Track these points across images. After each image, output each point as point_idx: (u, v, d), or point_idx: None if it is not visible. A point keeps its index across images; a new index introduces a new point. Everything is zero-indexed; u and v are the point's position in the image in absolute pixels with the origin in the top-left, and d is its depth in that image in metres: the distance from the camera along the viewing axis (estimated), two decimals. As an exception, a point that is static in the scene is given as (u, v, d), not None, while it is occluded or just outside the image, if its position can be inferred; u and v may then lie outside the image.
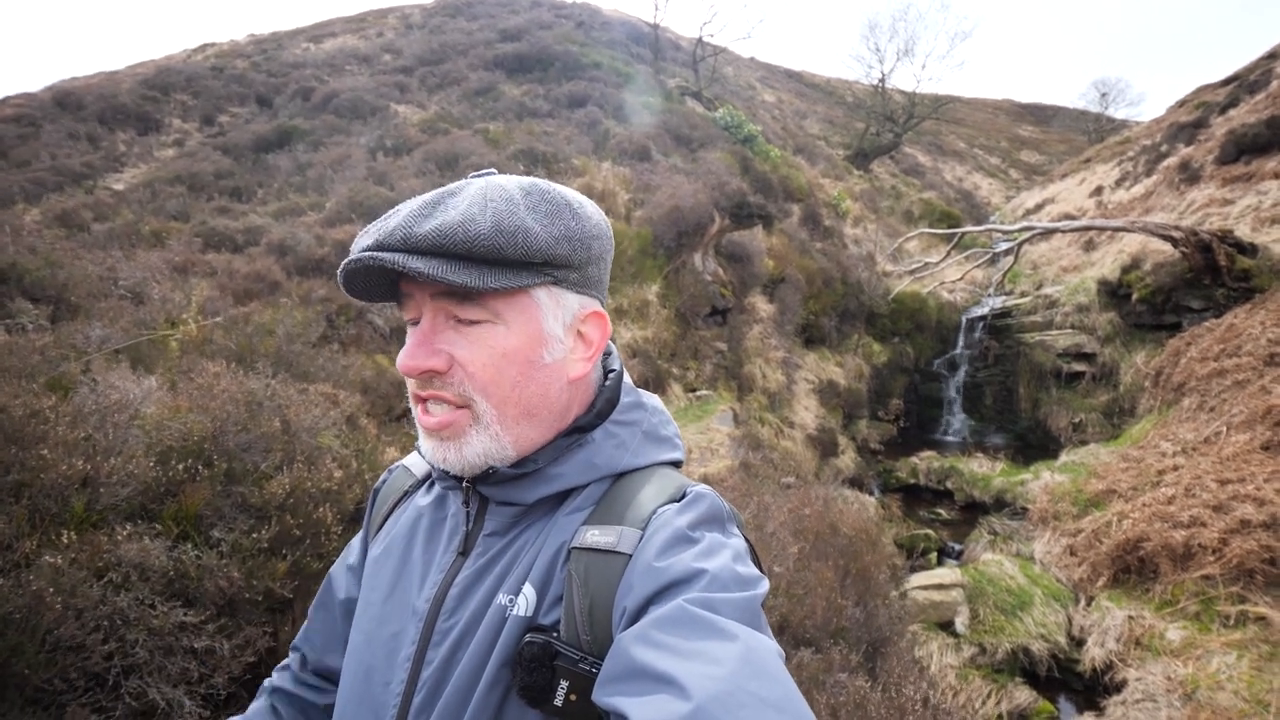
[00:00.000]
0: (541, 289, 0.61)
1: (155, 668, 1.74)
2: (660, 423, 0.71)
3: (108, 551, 1.85)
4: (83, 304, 4.15)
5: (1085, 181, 16.31)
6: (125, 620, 1.74)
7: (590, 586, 0.56)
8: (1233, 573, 4.02)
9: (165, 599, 1.84)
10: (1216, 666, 3.52)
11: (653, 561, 0.54)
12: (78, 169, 9.66)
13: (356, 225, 6.29)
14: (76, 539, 1.86)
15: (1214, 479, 4.85)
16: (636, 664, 0.47)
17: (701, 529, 0.58)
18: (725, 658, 0.45)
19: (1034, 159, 28.44)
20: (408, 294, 0.61)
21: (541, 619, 0.58)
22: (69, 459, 1.99)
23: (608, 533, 0.59)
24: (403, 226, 0.56)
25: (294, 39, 18.82)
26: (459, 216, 0.56)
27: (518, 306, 0.60)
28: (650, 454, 0.67)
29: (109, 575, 1.81)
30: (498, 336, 0.59)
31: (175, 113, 12.83)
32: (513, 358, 0.60)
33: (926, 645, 4.21)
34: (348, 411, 3.10)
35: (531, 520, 0.64)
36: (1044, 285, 10.65)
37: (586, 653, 0.55)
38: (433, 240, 0.55)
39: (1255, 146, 9.82)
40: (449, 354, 0.59)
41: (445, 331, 0.60)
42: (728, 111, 13.17)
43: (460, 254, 0.55)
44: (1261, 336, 6.32)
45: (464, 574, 0.63)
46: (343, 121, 11.41)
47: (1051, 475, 6.47)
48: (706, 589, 0.51)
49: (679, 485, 0.63)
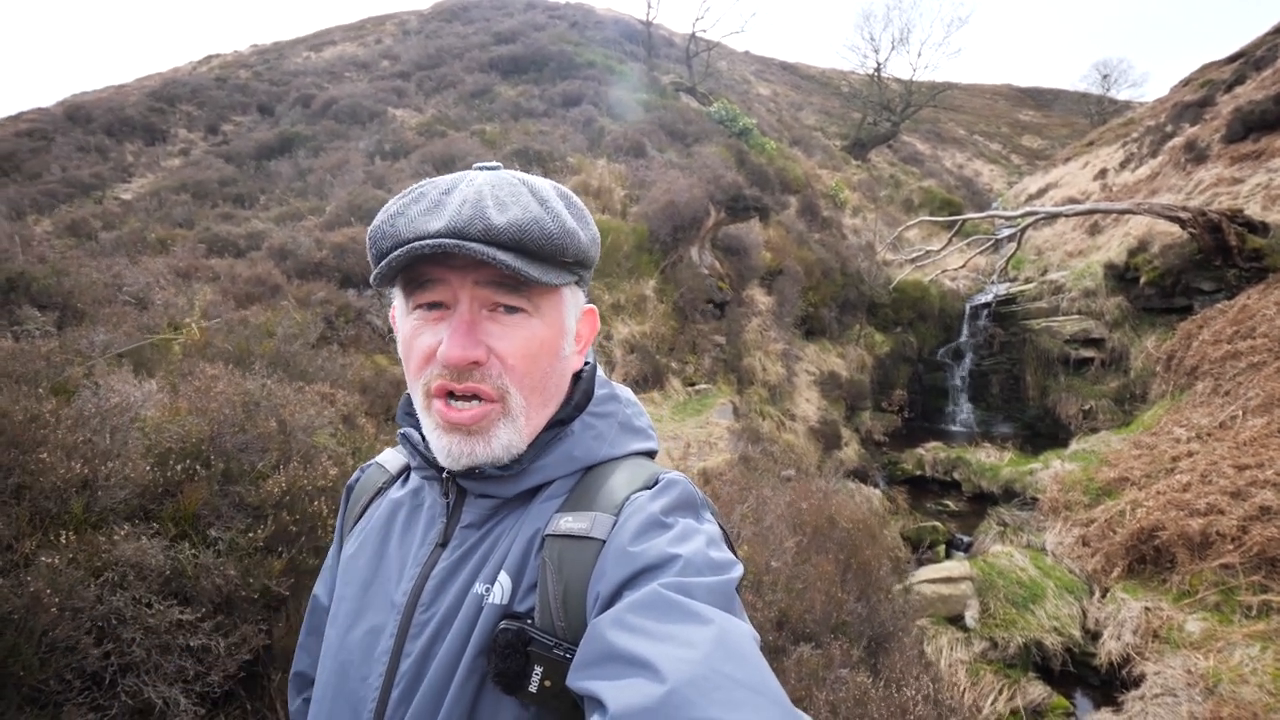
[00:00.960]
0: (568, 287, 0.65)
1: (152, 666, 1.75)
2: (634, 414, 0.72)
3: (105, 551, 1.87)
4: (88, 310, 4.20)
5: (1089, 165, 16.09)
6: (122, 619, 1.75)
7: (564, 573, 0.57)
8: (1253, 561, 3.91)
9: (162, 598, 1.85)
10: (1239, 659, 3.41)
11: (627, 546, 0.55)
12: (87, 180, 9.80)
13: (355, 228, 6.32)
14: (75, 539, 1.87)
15: (1231, 464, 4.73)
16: (611, 648, 0.47)
17: (675, 515, 0.58)
18: (699, 641, 0.45)
19: (1035, 144, 28.13)
20: (438, 279, 0.60)
21: (517, 606, 0.58)
22: (68, 462, 2.01)
23: (581, 519, 0.59)
24: (479, 218, 0.57)
25: (295, 48, 19.00)
26: (527, 214, 0.58)
27: (551, 301, 0.63)
28: (625, 444, 0.68)
29: (106, 575, 1.83)
30: (533, 328, 0.62)
31: (181, 123, 12.99)
32: (544, 350, 0.63)
33: (935, 640, 4.13)
34: (345, 411, 3.11)
35: (507, 511, 0.64)
36: (1049, 271, 10.52)
37: (561, 639, 0.55)
38: (512, 235, 0.57)
39: (1264, 123, 9.63)
40: (487, 345, 0.60)
41: (483, 323, 0.60)
42: (722, 105, 13.12)
43: (531, 250, 0.58)
44: (1277, 317, 6.20)
45: (441, 565, 0.63)
46: (342, 127, 11.49)
47: (1062, 464, 6.37)
48: (680, 573, 0.51)
49: (651, 473, 0.64)
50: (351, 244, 5.74)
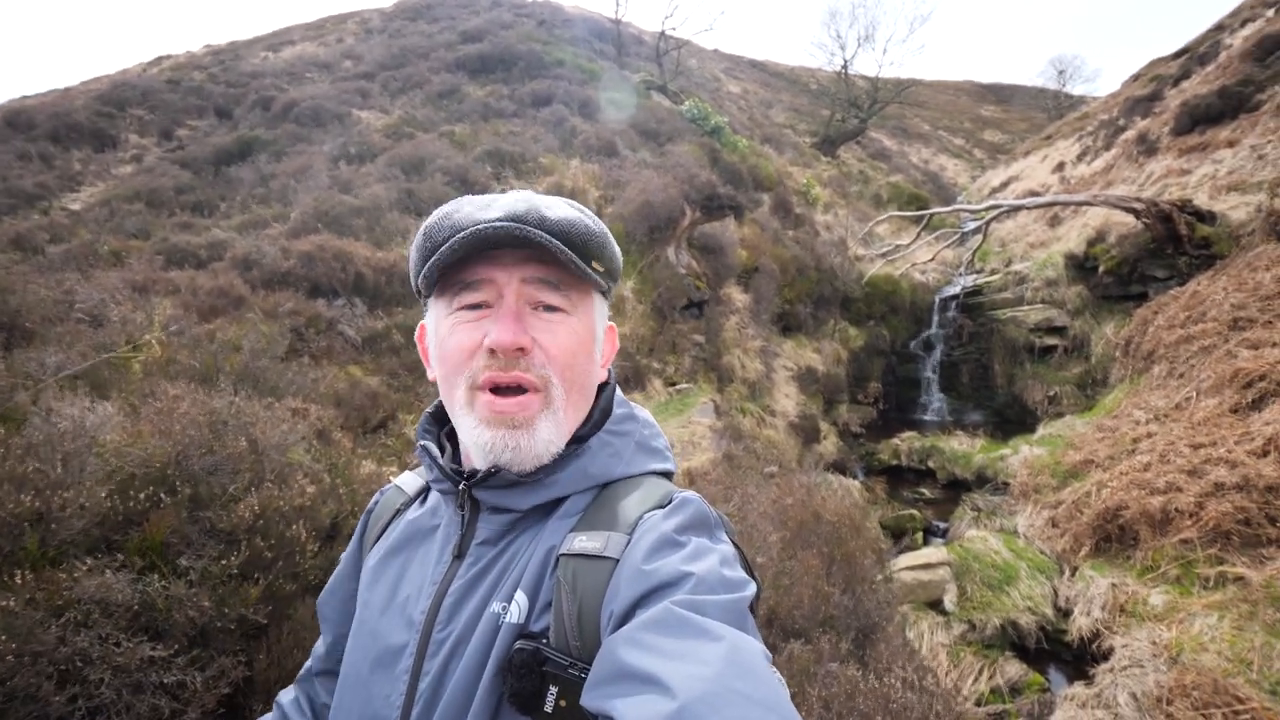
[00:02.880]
0: (597, 293, 0.69)
1: (123, 707, 1.67)
2: (651, 435, 0.73)
3: (66, 589, 1.77)
4: (37, 329, 3.98)
5: (1048, 158, 16.67)
6: (88, 660, 1.66)
7: (578, 592, 0.57)
8: (1210, 535, 4.09)
9: (130, 634, 1.77)
10: (1199, 628, 3.57)
11: (640, 565, 0.55)
12: (31, 190, 9.28)
13: (323, 235, 6.14)
14: (32, 578, 1.77)
15: (1187, 444, 4.94)
16: (624, 666, 0.47)
17: (688, 533, 0.59)
18: (711, 658, 0.45)
19: (997, 138, 28.99)
20: (484, 280, 0.62)
21: (532, 626, 0.59)
22: (17, 495, 1.90)
23: (595, 538, 0.59)
24: (534, 211, 0.61)
25: (252, 48, 18.32)
26: (573, 213, 0.63)
27: (585, 304, 0.67)
28: (641, 464, 0.69)
29: (68, 614, 1.73)
30: (571, 325, 0.64)
31: (132, 128, 12.40)
32: (581, 347, 0.65)
33: (917, 625, 4.23)
34: (319, 425, 3.02)
35: (523, 528, 0.65)
36: (1013, 262, 10.85)
37: (575, 658, 0.55)
38: (563, 227, 0.61)
39: (1208, 117, 10.11)
40: (531, 336, 0.62)
41: (527, 316, 0.63)
42: (694, 104, 13.16)
43: (577, 245, 0.62)
44: (1225, 302, 6.50)
45: (457, 583, 0.64)
46: (305, 130, 11.14)
47: (1030, 449, 6.59)
48: (693, 591, 0.52)
49: (665, 491, 0.64)
50: (320, 252, 5.57)
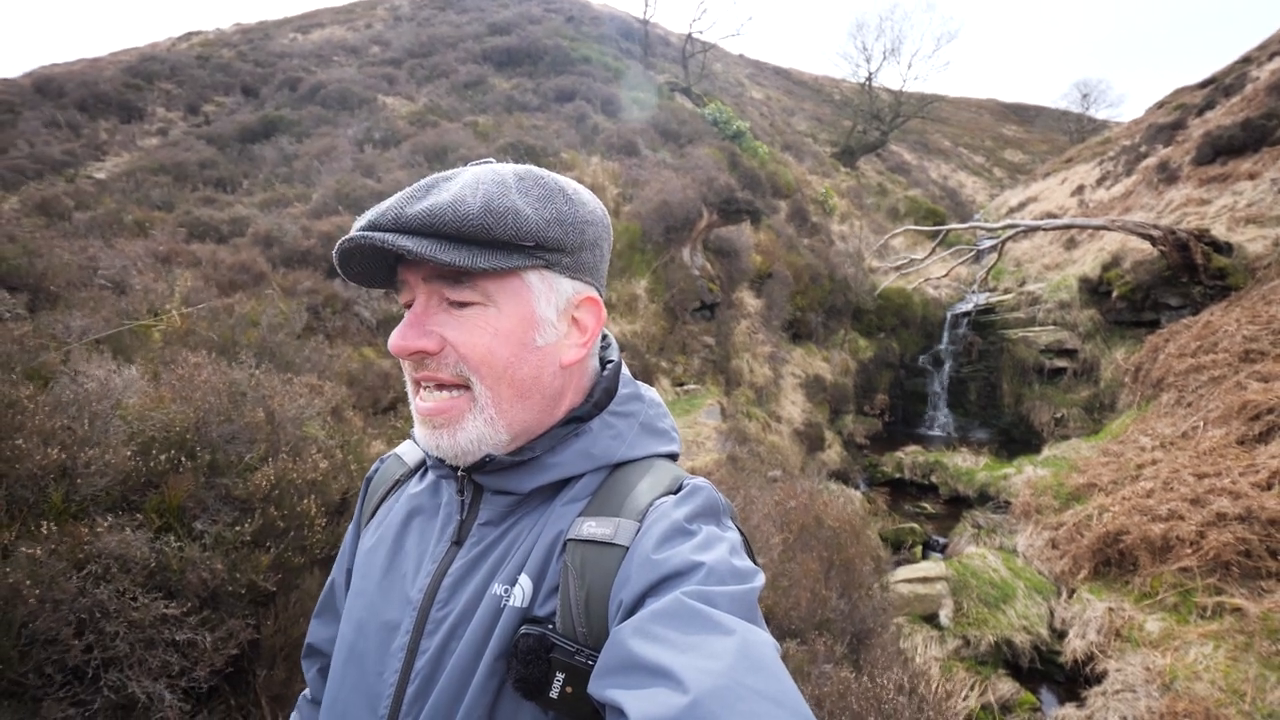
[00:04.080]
0: (533, 272, 0.61)
1: (135, 660, 1.72)
2: (657, 415, 0.70)
3: (88, 543, 1.83)
4: (62, 293, 4.06)
5: (1067, 181, 16.57)
6: (105, 612, 1.71)
7: (587, 579, 0.56)
8: (1210, 565, 4.09)
9: (146, 591, 1.82)
10: (1194, 657, 3.57)
11: (650, 554, 0.54)
12: (58, 157, 9.42)
13: (343, 217, 6.21)
14: (56, 530, 1.83)
15: (1191, 473, 4.93)
16: (633, 657, 0.47)
17: (699, 522, 0.58)
18: (722, 652, 0.45)
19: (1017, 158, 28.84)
20: (404, 280, 0.61)
21: (537, 610, 0.58)
22: (45, 449, 1.96)
23: (604, 524, 0.58)
24: (395, 207, 0.57)
25: (281, 29, 18.52)
26: (450, 197, 0.56)
27: (509, 289, 0.60)
28: (647, 446, 0.67)
29: (89, 567, 1.78)
30: (489, 318, 0.59)
31: (159, 101, 12.57)
32: (504, 339, 0.60)
33: (911, 638, 4.22)
34: (333, 403, 3.07)
35: (526, 510, 0.64)
36: (1027, 282, 10.81)
37: (582, 645, 0.54)
38: (423, 220, 0.55)
39: (1231, 148, 10.04)
40: (440, 335, 0.59)
41: (437, 314, 0.60)
42: (716, 108, 13.18)
43: (450, 234, 0.56)
44: (1237, 333, 6.46)
45: (458, 564, 0.63)
46: (330, 113, 11.25)
47: (1034, 469, 6.57)
48: (704, 582, 0.51)
49: (675, 477, 0.63)
50: (339, 232, 5.64)
